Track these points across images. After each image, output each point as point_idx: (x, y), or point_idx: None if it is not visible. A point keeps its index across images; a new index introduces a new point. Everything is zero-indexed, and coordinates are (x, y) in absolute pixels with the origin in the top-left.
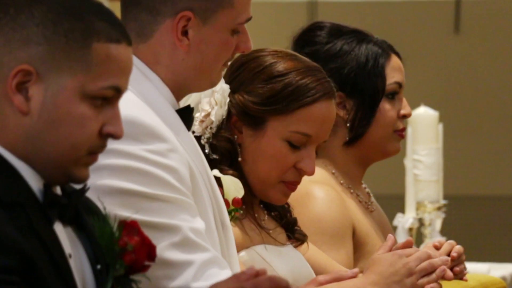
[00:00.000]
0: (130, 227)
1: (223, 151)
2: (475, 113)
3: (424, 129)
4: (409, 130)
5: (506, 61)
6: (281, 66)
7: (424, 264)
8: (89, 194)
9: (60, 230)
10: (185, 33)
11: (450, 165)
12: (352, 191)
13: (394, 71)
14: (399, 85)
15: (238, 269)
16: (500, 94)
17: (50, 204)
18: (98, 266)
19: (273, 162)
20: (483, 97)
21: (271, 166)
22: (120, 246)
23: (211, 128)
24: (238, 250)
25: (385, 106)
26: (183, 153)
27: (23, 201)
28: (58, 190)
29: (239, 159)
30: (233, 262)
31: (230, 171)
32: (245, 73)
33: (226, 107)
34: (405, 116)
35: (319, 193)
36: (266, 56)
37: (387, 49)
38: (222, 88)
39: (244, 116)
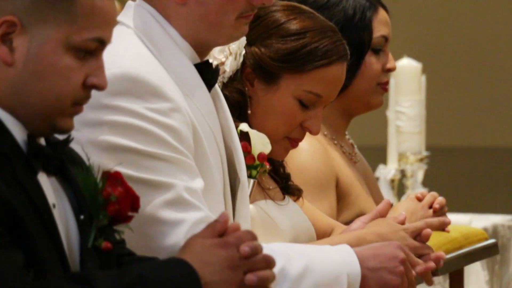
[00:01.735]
0: (113, 178)
1: (233, 102)
2: (458, 64)
3: (407, 81)
4: (392, 82)
5: (490, 13)
6: (299, 24)
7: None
8: (86, 149)
9: (44, 181)
10: None
11: (433, 116)
12: (335, 142)
13: (381, 25)
14: (385, 38)
15: (248, 225)
16: (484, 45)
17: (34, 154)
18: (82, 217)
19: (282, 118)
20: (466, 49)
21: (279, 122)
22: (104, 196)
23: (222, 77)
24: None
25: (371, 59)
26: (186, 113)
27: (7, 151)
28: (42, 141)
29: (249, 112)
30: (243, 218)
31: (237, 123)
32: (261, 26)
33: (241, 59)
34: (390, 70)
35: (303, 145)
36: (283, 11)
37: (375, 2)
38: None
39: (258, 70)
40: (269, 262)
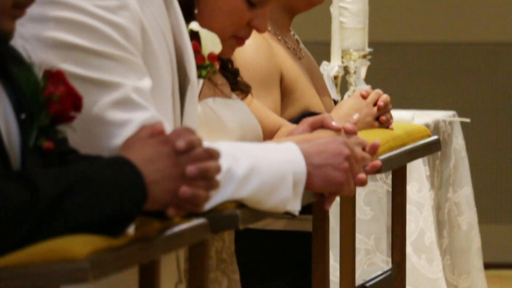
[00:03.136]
0: (56, 77)
1: (180, 2)
2: None
3: None
4: None
5: None
6: None
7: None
8: (30, 45)
9: None
10: None
11: (376, 12)
12: (279, 38)
13: None
14: None
15: (196, 125)
16: None
17: None
18: (23, 116)
19: (229, 18)
20: None
21: (226, 21)
22: (45, 96)
23: None
24: None
25: None
26: (135, 10)
27: None
28: None
29: (196, 11)
30: (192, 118)
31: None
32: None
33: None
34: None
35: (247, 40)
36: None
37: None
38: None
39: None
40: (211, 154)
